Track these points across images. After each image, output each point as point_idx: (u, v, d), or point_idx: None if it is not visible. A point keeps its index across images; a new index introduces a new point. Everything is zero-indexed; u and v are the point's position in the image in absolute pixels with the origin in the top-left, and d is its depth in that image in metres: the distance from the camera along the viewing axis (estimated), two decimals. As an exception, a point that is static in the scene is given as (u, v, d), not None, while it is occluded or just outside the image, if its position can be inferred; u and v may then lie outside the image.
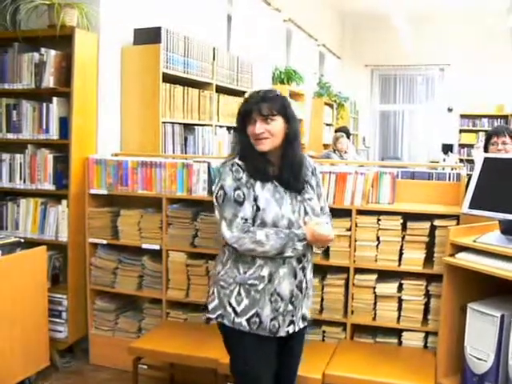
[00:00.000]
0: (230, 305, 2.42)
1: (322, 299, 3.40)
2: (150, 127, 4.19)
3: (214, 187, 2.48)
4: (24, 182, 3.96)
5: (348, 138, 8.10)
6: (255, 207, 2.38)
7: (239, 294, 2.42)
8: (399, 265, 3.26)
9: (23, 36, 3.88)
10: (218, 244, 2.59)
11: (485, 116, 12.27)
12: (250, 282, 2.41)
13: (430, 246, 3.23)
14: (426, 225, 3.21)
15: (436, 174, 3.63)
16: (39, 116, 3.87)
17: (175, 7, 4.93)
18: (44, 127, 3.85)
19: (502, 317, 2.58)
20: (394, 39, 11.44)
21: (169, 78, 4.29)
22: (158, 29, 4.21)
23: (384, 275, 3.32)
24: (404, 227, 3.25)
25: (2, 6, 4.03)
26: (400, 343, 3.32)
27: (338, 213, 3.35)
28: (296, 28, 9.06)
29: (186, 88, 4.56)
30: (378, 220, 3.27)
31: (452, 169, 3.91)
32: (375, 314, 3.33)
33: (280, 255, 2.37)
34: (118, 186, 3.78)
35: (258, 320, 2.41)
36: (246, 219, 2.36)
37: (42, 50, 3.79)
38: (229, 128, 5.29)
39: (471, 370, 2.70)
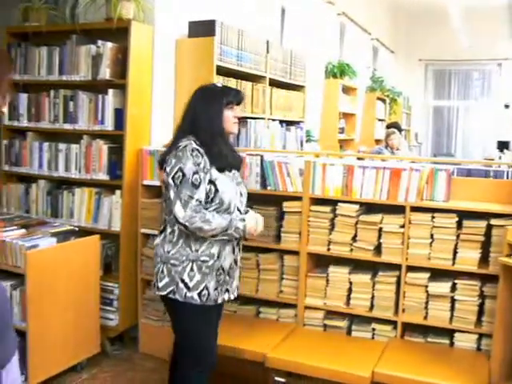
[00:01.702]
0: (183, 281, 2.64)
1: (373, 296, 3.36)
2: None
3: (168, 168, 2.63)
4: (79, 171, 4.03)
5: (400, 132, 7.97)
6: (214, 189, 2.62)
7: (192, 270, 2.65)
8: (453, 264, 3.19)
9: (81, 29, 3.95)
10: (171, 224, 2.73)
11: (544, 113, 11.87)
12: (202, 258, 2.65)
13: (485, 246, 3.14)
14: (482, 224, 3.12)
15: (493, 172, 3.54)
16: (95, 107, 3.93)
17: (229, 0, 4.93)
18: (99, 118, 3.91)
19: (562, 321, 2.50)
20: (450, 33, 11.18)
21: (222, 71, 4.30)
22: (213, 22, 4.22)
23: (437, 274, 3.25)
24: (459, 225, 3.17)
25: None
26: (452, 344, 3.25)
27: (391, 209, 3.31)
28: (349, 22, 8.95)
29: (239, 81, 4.56)
30: (433, 217, 3.20)
31: (509, 167, 3.80)
32: (427, 313, 3.27)
33: (225, 233, 2.62)
34: (171, 177, 3.81)
35: (206, 293, 2.67)
36: (200, 201, 2.58)
37: (99, 42, 3.84)
38: (281, 122, 5.28)
39: (527, 374, 2.62)
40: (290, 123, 5.53)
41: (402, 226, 3.25)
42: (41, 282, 3.29)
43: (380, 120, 9.82)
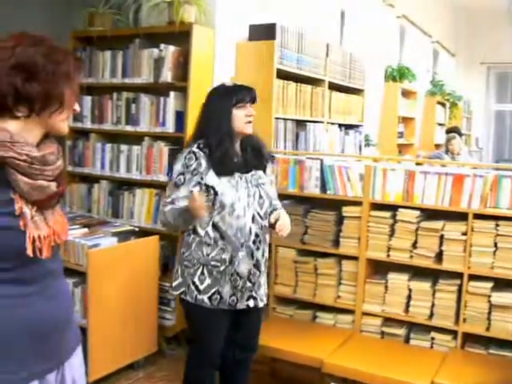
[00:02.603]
0: (194, 283, 2.68)
1: (433, 304, 3.29)
2: (263, 122, 4.17)
3: None
4: (140, 172, 4.09)
5: (460, 137, 7.79)
6: (213, 192, 2.60)
7: (202, 273, 2.67)
8: (518, 274, 3.09)
9: (144, 33, 4.02)
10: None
11: None
12: (212, 263, 2.65)
13: (553, 256, 3.03)
14: (550, 233, 3.02)
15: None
16: (156, 109, 3.98)
17: (289, 3, 4.93)
18: (161, 120, 3.96)
19: None
20: (513, 34, 10.86)
21: (282, 74, 4.30)
22: (273, 25, 4.22)
23: (501, 284, 3.16)
24: (525, 234, 3.07)
25: (126, 4, 4.21)
26: (516, 357, 3.15)
27: (452, 216, 3.23)
28: (409, 24, 8.81)
29: (298, 84, 4.56)
30: (497, 225, 3.11)
31: None
32: (489, 323, 3.17)
33: (181, 220, 2.59)
34: (229, 180, 3.83)
35: (218, 297, 2.67)
36: (173, 200, 2.62)
37: (161, 45, 3.89)
38: (340, 125, 5.24)
39: None
40: (348, 127, 5.49)
41: (465, 234, 3.18)
42: (101, 281, 3.37)
43: (440, 125, 9.63)
